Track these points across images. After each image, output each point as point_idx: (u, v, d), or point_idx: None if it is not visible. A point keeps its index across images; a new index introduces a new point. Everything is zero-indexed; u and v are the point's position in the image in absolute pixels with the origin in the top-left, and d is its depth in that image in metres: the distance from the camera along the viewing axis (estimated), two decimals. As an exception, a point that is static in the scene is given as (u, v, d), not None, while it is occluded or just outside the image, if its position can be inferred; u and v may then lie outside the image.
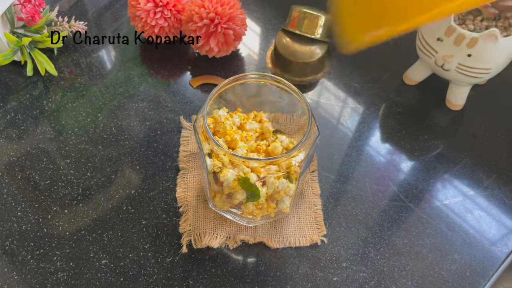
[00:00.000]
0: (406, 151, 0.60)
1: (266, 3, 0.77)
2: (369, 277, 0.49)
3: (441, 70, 0.59)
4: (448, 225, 0.53)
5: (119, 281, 0.48)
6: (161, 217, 0.52)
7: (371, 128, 0.62)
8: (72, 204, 0.53)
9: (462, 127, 0.63)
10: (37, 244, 0.50)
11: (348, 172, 0.57)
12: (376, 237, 0.52)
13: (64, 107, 0.62)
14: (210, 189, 0.47)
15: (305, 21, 0.64)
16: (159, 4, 0.64)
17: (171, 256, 0.50)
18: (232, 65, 0.68)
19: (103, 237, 0.50)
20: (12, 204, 0.53)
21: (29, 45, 0.64)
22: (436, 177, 0.57)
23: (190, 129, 0.60)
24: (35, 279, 0.47)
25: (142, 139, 0.59)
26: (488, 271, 0.50)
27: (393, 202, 0.55)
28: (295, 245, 0.51)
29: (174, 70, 0.68)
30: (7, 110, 0.62)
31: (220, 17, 0.62)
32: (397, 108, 0.64)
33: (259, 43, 0.72)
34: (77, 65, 0.68)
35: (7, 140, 0.58)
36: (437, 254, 0.51)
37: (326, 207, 0.54)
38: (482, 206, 0.55)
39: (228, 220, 0.52)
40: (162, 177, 0.56)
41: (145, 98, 0.64)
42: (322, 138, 0.60)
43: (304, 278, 0.49)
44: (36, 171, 0.56)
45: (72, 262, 0.49)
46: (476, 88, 0.66)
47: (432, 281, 0.49)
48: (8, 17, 0.64)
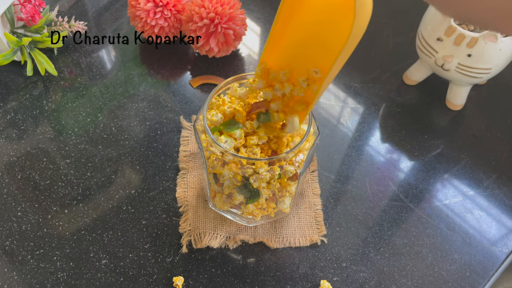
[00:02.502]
0: (406, 151, 0.60)
1: (266, 3, 0.77)
2: (369, 277, 0.49)
3: (441, 70, 0.59)
4: (448, 225, 0.53)
5: (119, 281, 0.48)
6: (161, 217, 0.52)
7: (371, 128, 0.62)
8: (72, 204, 0.53)
9: (462, 127, 0.63)
10: (37, 244, 0.50)
11: (348, 172, 0.57)
12: (376, 237, 0.52)
13: (64, 107, 0.62)
14: (210, 189, 0.47)
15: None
16: (159, 4, 0.64)
17: (171, 256, 0.50)
18: (232, 65, 0.68)
19: (103, 237, 0.50)
20: (12, 204, 0.53)
21: (29, 45, 0.64)
22: (436, 177, 0.57)
23: (190, 129, 0.60)
24: (35, 279, 0.47)
25: (142, 139, 0.59)
26: (488, 271, 0.50)
27: (393, 202, 0.55)
28: (295, 245, 0.51)
29: (174, 70, 0.68)
30: (7, 110, 0.62)
31: (220, 17, 0.62)
32: (397, 108, 0.64)
33: (259, 43, 0.72)
34: (77, 65, 0.68)
35: (7, 140, 0.58)
36: (437, 254, 0.51)
37: (326, 207, 0.54)
38: (482, 206, 0.55)
39: (228, 220, 0.52)
40: (162, 177, 0.56)
41: (145, 98, 0.64)
42: (322, 138, 0.60)
43: (304, 278, 0.49)
44: (36, 171, 0.56)
45: (72, 262, 0.49)
46: (476, 88, 0.66)
47: (432, 281, 0.49)
48: (8, 17, 0.64)
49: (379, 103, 0.65)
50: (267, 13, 0.76)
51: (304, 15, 0.38)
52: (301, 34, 0.39)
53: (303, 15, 0.38)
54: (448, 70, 0.58)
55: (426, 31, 0.58)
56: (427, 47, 0.59)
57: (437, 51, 0.57)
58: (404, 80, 0.67)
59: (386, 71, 0.68)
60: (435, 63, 0.59)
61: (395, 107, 0.64)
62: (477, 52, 0.54)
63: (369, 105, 0.64)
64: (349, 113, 0.63)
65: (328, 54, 0.36)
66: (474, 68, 0.56)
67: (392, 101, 0.65)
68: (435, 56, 0.58)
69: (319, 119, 0.62)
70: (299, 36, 0.39)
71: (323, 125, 0.62)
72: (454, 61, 0.57)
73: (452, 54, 0.56)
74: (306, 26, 0.38)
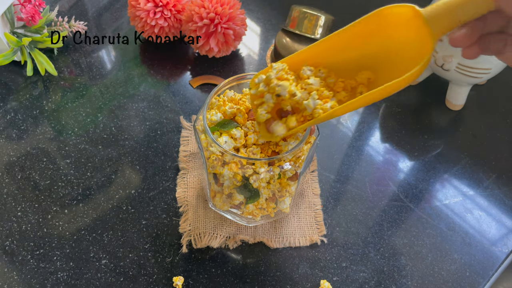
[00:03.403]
0: (406, 151, 0.60)
1: (266, 3, 0.77)
2: (369, 277, 0.49)
3: (441, 70, 0.59)
4: (448, 225, 0.53)
5: (119, 281, 0.48)
6: (161, 217, 0.52)
7: (371, 128, 0.62)
8: (72, 204, 0.53)
9: (462, 127, 0.63)
10: (37, 244, 0.50)
11: (348, 172, 0.57)
12: (376, 237, 0.52)
13: (64, 107, 0.62)
14: (210, 189, 0.47)
15: (305, 21, 0.64)
16: (159, 4, 0.64)
17: (171, 256, 0.50)
18: (232, 65, 0.68)
19: (103, 237, 0.50)
20: (12, 204, 0.53)
21: (29, 45, 0.64)
22: (436, 177, 0.57)
23: (190, 129, 0.60)
24: (35, 279, 0.47)
25: (142, 139, 0.59)
26: (488, 271, 0.50)
27: (393, 202, 0.55)
28: (295, 245, 0.51)
29: (174, 70, 0.68)
30: (7, 110, 0.62)
31: (220, 17, 0.62)
32: (397, 108, 0.64)
33: (259, 43, 0.72)
34: (77, 65, 0.68)
35: (7, 140, 0.58)
36: (437, 254, 0.51)
37: (326, 207, 0.54)
38: (482, 206, 0.55)
39: (228, 220, 0.52)
40: (162, 177, 0.56)
41: (145, 98, 0.64)
42: (322, 138, 0.60)
43: (304, 278, 0.49)
44: (36, 171, 0.56)
45: (72, 262, 0.49)
46: (476, 88, 0.66)
47: (432, 281, 0.49)
48: (8, 17, 0.64)
49: (379, 103, 0.65)
50: (267, 13, 0.76)
51: (372, 43, 0.38)
52: (356, 54, 0.39)
53: (372, 41, 0.38)
54: (448, 70, 0.58)
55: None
56: (427, 47, 0.59)
57: (437, 51, 0.57)
58: (404, 80, 0.67)
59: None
60: (435, 63, 0.59)
61: (395, 107, 0.64)
62: (477, 52, 0.54)
63: (369, 105, 0.64)
64: (349, 113, 0.63)
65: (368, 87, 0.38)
66: (474, 68, 0.56)
67: (392, 101, 0.65)
68: (435, 56, 0.58)
69: (319, 119, 0.62)
70: (355, 54, 0.39)
71: (323, 125, 0.62)
72: (454, 61, 0.57)
73: (452, 54, 0.56)
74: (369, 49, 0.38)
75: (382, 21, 0.36)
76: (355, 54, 0.39)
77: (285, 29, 0.66)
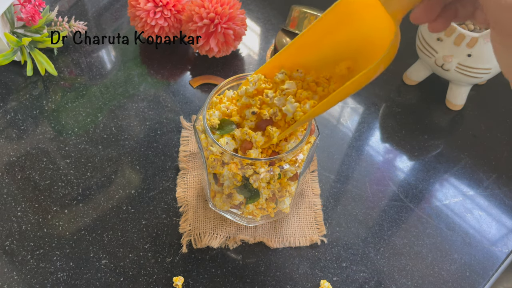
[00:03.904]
0: (406, 151, 0.60)
1: (266, 3, 0.78)
2: (369, 277, 0.49)
3: (441, 70, 0.59)
4: (448, 225, 0.53)
5: (119, 281, 0.48)
6: (161, 217, 0.52)
7: (371, 128, 0.62)
8: (72, 204, 0.53)
9: (462, 127, 0.63)
10: (37, 244, 0.50)
11: (348, 172, 0.57)
12: (376, 237, 0.52)
13: (64, 107, 0.62)
14: (210, 189, 0.47)
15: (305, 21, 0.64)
16: (159, 4, 0.64)
17: (171, 256, 0.50)
18: (232, 65, 0.68)
19: (103, 237, 0.50)
20: (12, 204, 0.53)
21: (29, 45, 0.64)
22: (436, 177, 0.57)
23: (190, 129, 0.60)
24: (35, 279, 0.47)
25: (142, 139, 0.59)
26: (488, 271, 0.50)
27: (393, 202, 0.55)
28: (295, 245, 0.51)
29: (174, 70, 0.68)
30: (7, 110, 0.62)
31: (220, 17, 0.62)
32: (397, 108, 0.64)
33: (259, 43, 0.72)
34: (77, 65, 0.68)
35: (7, 140, 0.58)
36: (437, 254, 0.51)
37: (326, 207, 0.54)
38: (482, 206, 0.55)
39: (228, 220, 0.52)
40: (162, 177, 0.56)
41: (145, 98, 0.64)
42: (322, 138, 0.60)
43: (304, 278, 0.49)
44: (36, 171, 0.56)
45: (72, 262, 0.49)
46: (476, 88, 0.66)
47: (432, 281, 0.49)
48: (8, 17, 0.64)
49: (379, 103, 0.65)
50: (267, 13, 0.76)
51: (342, 34, 0.37)
52: (329, 49, 0.38)
53: (340, 33, 0.37)
54: (448, 70, 0.58)
55: (426, 31, 0.58)
56: (427, 47, 0.59)
57: (437, 51, 0.57)
58: (404, 80, 0.67)
59: (386, 71, 0.68)
60: (435, 63, 0.59)
61: (395, 107, 0.64)
62: (477, 52, 0.54)
63: (369, 105, 0.64)
64: (349, 113, 0.63)
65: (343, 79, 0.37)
66: (474, 68, 0.56)
67: (392, 101, 0.65)
68: (435, 56, 0.58)
69: (319, 119, 0.62)
70: (327, 50, 0.39)
71: (323, 125, 0.62)
72: (454, 61, 0.57)
73: (452, 54, 0.56)
74: (339, 42, 0.38)
75: (348, 10, 0.35)
76: (330, 47, 0.38)
77: (285, 29, 0.66)
